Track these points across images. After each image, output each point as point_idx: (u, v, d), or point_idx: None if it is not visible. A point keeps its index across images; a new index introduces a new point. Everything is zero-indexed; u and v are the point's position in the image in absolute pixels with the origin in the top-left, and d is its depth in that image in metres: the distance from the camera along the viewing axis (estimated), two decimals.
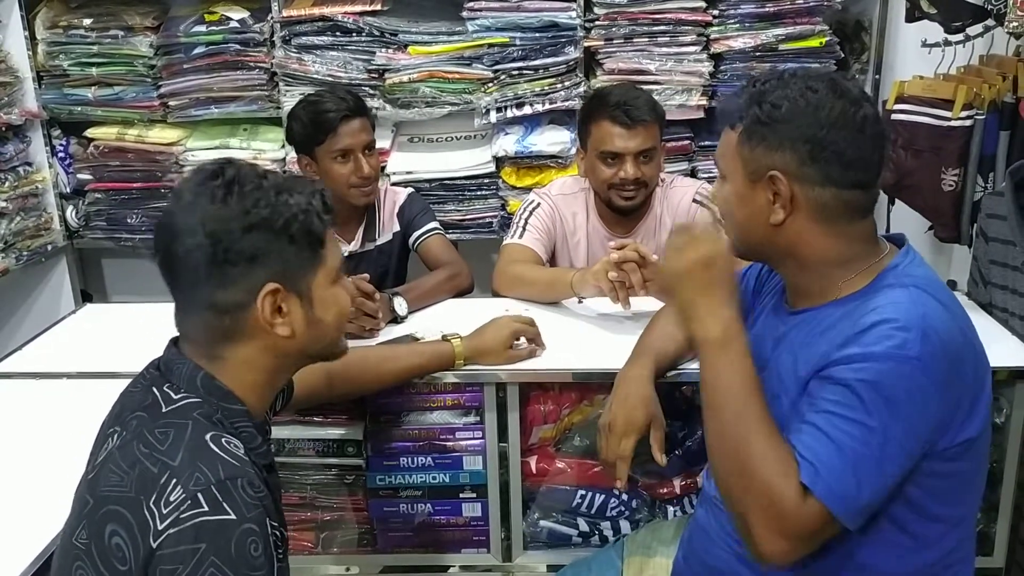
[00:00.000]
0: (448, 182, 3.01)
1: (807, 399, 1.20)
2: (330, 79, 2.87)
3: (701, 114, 2.94)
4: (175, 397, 1.09)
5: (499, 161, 2.99)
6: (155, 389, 1.10)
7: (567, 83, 2.89)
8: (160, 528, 0.98)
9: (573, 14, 2.83)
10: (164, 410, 1.08)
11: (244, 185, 1.08)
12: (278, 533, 1.07)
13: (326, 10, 2.88)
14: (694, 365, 1.67)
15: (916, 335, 1.13)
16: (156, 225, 1.11)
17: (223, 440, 1.05)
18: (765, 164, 1.24)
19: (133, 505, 1.00)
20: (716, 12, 2.84)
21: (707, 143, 3.00)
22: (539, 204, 2.29)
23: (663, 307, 1.75)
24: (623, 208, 2.19)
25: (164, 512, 0.98)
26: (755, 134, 1.25)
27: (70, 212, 3.19)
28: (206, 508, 0.98)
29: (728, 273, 1.28)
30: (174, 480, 1.00)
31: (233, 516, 0.99)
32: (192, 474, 1.00)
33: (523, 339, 1.81)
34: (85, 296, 3.33)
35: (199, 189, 1.08)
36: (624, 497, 1.85)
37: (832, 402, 1.16)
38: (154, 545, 0.97)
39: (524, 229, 2.25)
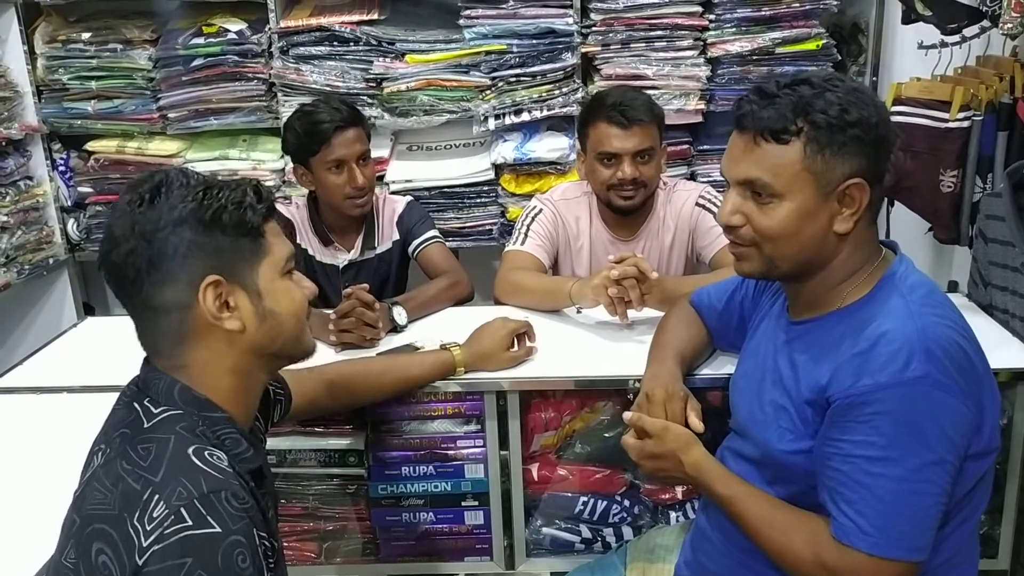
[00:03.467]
0: (447, 190, 3.02)
1: (830, 440, 1.20)
2: (328, 89, 2.88)
3: (699, 118, 2.95)
4: (155, 412, 1.09)
5: (498, 168, 3.00)
6: (136, 405, 1.10)
7: (565, 89, 2.90)
8: (145, 545, 0.97)
9: (570, 20, 2.84)
10: (146, 425, 1.08)
11: (171, 186, 1.09)
12: (268, 543, 1.06)
13: (323, 20, 2.89)
14: (707, 370, 1.69)
15: (919, 353, 1.13)
16: (100, 239, 1.12)
17: (205, 453, 1.05)
18: (842, 173, 1.19)
19: (117, 523, 1.00)
20: (712, 16, 2.84)
21: (706, 147, 3.01)
22: (541, 210, 2.29)
23: (669, 312, 1.75)
24: (623, 208, 2.19)
25: (148, 529, 0.97)
26: (829, 143, 1.18)
27: (71, 225, 3.20)
28: (190, 522, 0.97)
29: (678, 447, 1.37)
30: (156, 496, 0.99)
31: (218, 529, 0.98)
32: (175, 489, 1.00)
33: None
34: (87, 309, 3.34)
35: (129, 196, 1.09)
36: (626, 503, 1.85)
37: (854, 443, 1.16)
38: (140, 562, 0.96)
39: (526, 235, 2.25)
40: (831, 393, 1.19)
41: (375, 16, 2.92)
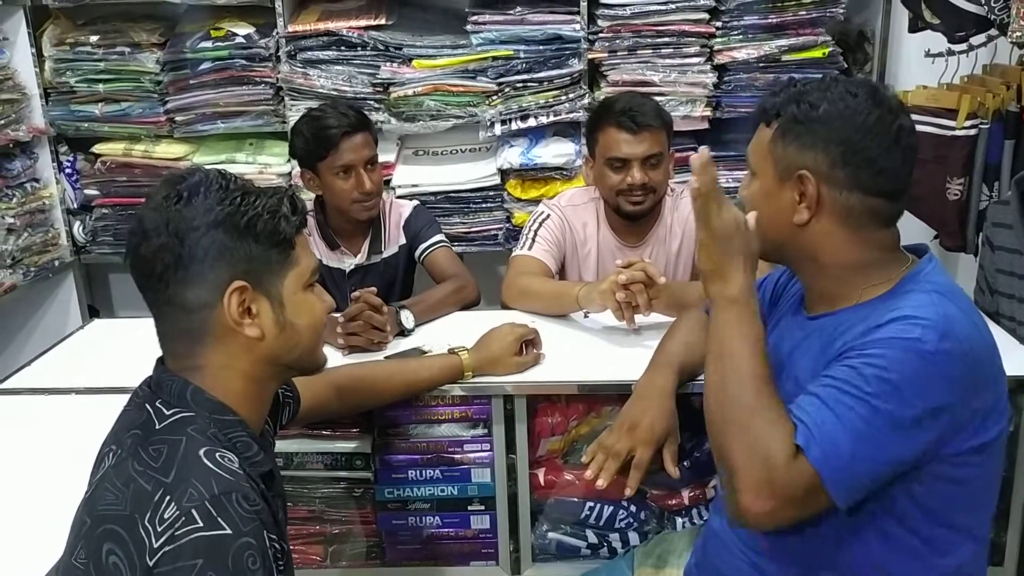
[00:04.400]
0: (453, 195, 3.02)
1: (818, 376, 1.19)
2: (335, 93, 2.88)
3: (705, 125, 2.96)
4: (167, 413, 1.09)
5: (504, 173, 3.00)
6: (148, 406, 1.10)
7: (571, 95, 2.90)
8: (156, 546, 0.97)
9: (577, 26, 2.85)
10: (158, 427, 1.08)
11: (209, 187, 1.10)
12: (278, 546, 1.07)
13: (331, 25, 2.90)
14: None
15: (935, 332, 1.13)
16: (128, 229, 1.12)
17: (217, 455, 1.05)
18: (796, 163, 1.24)
19: (129, 524, 1.00)
20: (719, 24, 2.85)
21: (712, 154, 3.00)
22: (549, 215, 2.30)
23: (680, 317, 1.75)
24: (632, 214, 2.19)
25: (159, 530, 0.97)
26: (789, 132, 1.25)
27: (77, 228, 3.20)
28: (201, 524, 0.97)
29: (752, 245, 1.26)
30: (168, 497, 0.99)
31: (229, 531, 0.98)
32: (186, 490, 1.00)
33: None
34: (92, 311, 3.34)
35: (166, 192, 1.10)
36: (633, 509, 1.85)
37: (840, 380, 1.16)
38: (151, 563, 0.96)
39: (534, 241, 2.25)
40: (844, 349, 1.19)
41: (382, 21, 2.93)
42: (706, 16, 2.85)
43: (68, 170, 3.17)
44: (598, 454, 1.52)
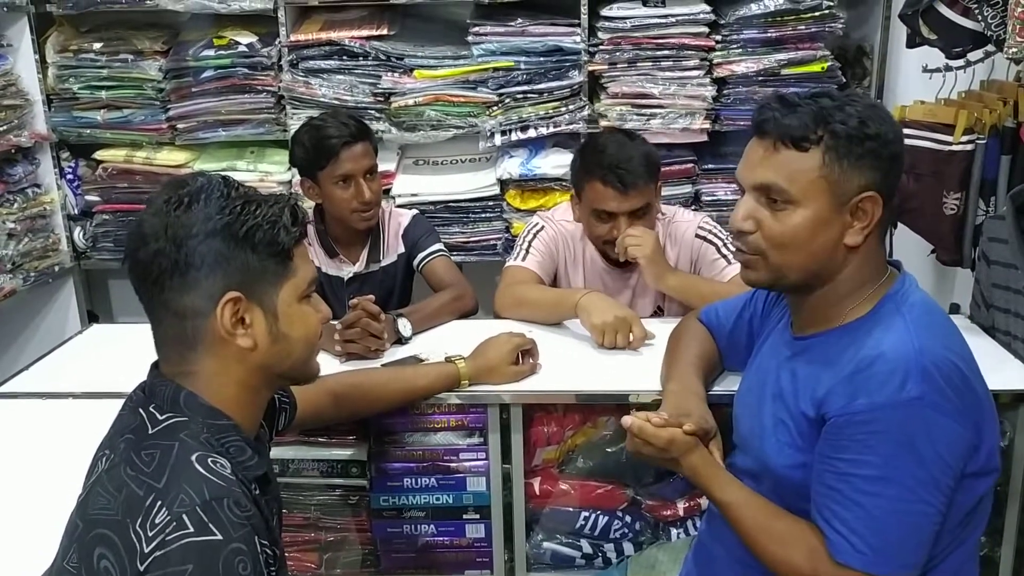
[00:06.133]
0: (453, 204, 3.04)
1: (824, 458, 1.21)
2: (336, 102, 2.90)
3: (704, 137, 2.97)
4: (160, 418, 1.09)
5: (503, 184, 3.01)
6: (141, 411, 1.10)
7: (571, 107, 2.92)
8: (147, 551, 0.97)
9: (577, 39, 2.87)
10: (151, 431, 1.08)
11: (211, 194, 1.09)
12: (269, 551, 1.07)
13: (333, 35, 2.92)
14: (717, 388, 1.69)
15: (915, 374, 1.14)
16: (128, 233, 1.13)
17: (209, 460, 1.05)
18: (859, 184, 1.20)
19: (120, 528, 1.00)
20: (719, 37, 2.87)
21: (710, 166, 3.03)
22: (543, 227, 2.29)
23: (682, 327, 1.74)
24: (619, 261, 2.15)
25: (150, 535, 0.98)
26: (847, 154, 1.19)
27: (77, 233, 3.21)
28: (192, 529, 0.98)
29: (679, 454, 1.36)
30: (159, 502, 1.00)
31: (219, 536, 0.98)
32: (177, 495, 1.00)
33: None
34: (91, 317, 3.35)
35: (167, 196, 1.10)
36: (628, 519, 1.86)
37: (849, 462, 1.17)
38: (141, 568, 0.97)
39: (527, 252, 2.24)
40: (827, 410, 1.20)
41: (384, 31, 2.95)
42: (706, 30, 2.87)
43: (69, 176, 3.18)
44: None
